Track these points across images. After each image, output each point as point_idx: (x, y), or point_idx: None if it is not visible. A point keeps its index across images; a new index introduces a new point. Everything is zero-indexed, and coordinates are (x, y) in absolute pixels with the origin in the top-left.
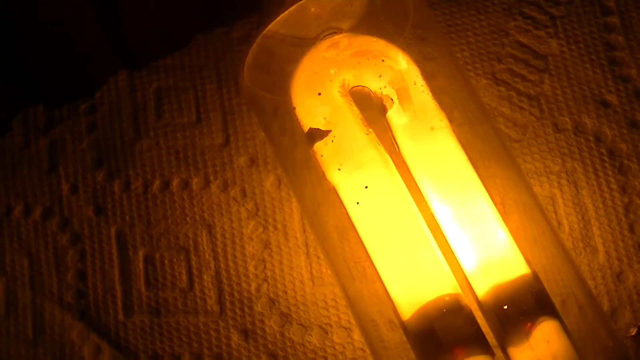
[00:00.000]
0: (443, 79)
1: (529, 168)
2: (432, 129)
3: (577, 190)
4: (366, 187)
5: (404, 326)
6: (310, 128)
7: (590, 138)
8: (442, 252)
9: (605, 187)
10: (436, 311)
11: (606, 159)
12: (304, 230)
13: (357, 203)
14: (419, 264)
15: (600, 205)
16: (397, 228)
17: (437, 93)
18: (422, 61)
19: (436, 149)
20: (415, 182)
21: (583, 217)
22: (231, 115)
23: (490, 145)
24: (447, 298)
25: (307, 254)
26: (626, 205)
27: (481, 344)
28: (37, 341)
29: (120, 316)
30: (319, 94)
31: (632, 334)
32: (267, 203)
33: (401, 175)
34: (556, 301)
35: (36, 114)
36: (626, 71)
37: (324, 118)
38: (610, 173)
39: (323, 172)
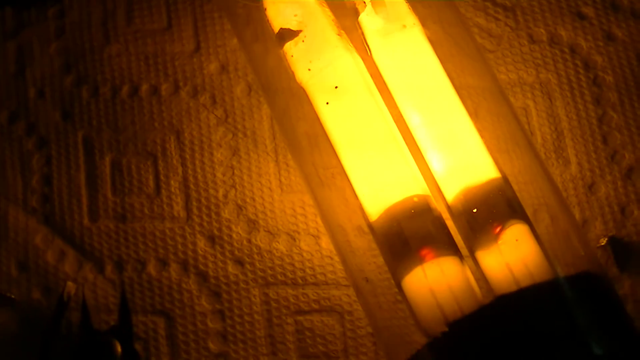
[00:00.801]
0: None
1: (503, 79)
2: (404, 26)
3: (551, 102)
4: (336, 87)
5: (371, 228)
6: (281, 28)
7: (566, 50)
8: (412, 156)
9: (579, 99)
10: (404, 212)
11: (581, 70)
12: (274, 138)
13: (327, 103)
14: (388, 166)
15: (574, 117)
16: (366, 129)
17: (411, 1)
18: None
19: (407, 50)
20: (385, 85)
21: (556, 129)
22: (202, 22)
23: (464, 52)
24: (415, 199)
25: (277, 161)
26: (600, 117)
27: (449, 244)
28: (0, 244)
29: (86, 221)
30: None
31: (602, 244)
32: (237, 110)
33: (372, 79)
34: (528, 212)
35: (4, 17)
36: None
37: (295, 16)
38: (584, 85)
39: (293, 72)
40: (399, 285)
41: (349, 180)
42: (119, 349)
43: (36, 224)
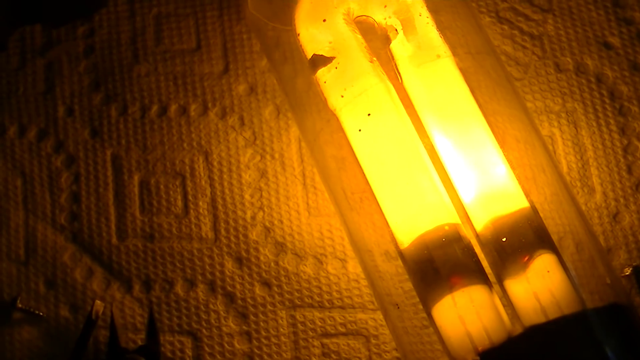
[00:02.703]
0: (446, 13)
1: (530, 107)
2: (438, 56)
3: (577, 130)
4: (369, 114)
5: (402, 255)
6: (314, 54)
7: (592, 79)
8: (442, 184)
9: (604, 128)
10: (435, 240)
11: (607, 100)
12: (302, 161)
13: (359, 130)
14: (419, 194)
15: (599, 146)
16: (398, 157)
17: (441, 28)
18: None
19: (439, 80)
20: (416, 113)
21: (582, 157)
22: (231, 43)
23: (494, 80)
24: (446, 227)
25: (304, 184)
26: (625, 146)
27: (479, 273)
28: (29, 262)
29: (114, 240)
30: (324, 20)
31: (627, 273)
32: (265, 132)
33: (403, 106)
34: (553, 239)
35: (33, 34)
36: (630, 14)
37: (329, 43)
38: (610, 114)
39: (325, 99)
40: (429, 314)
41: (379, 207)
42: None
43: (64, 241)
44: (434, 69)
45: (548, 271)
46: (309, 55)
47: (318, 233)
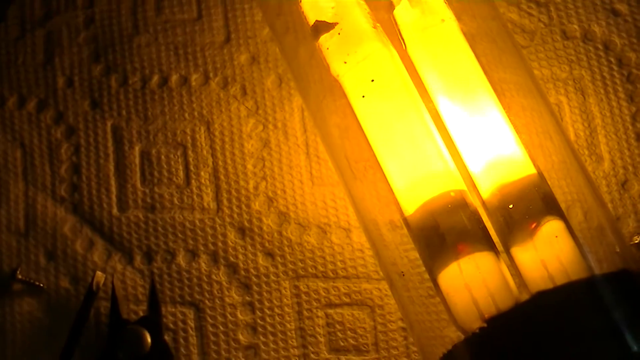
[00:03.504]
0: None
1: (536, 75)
2: (443, 21)
3: (584, 98)
4: (372, 80)
5: (406, 222)
6: (316, 20)
7: (599, 46)
8: (447, 151)
9: (612, 96)
10: (441, 207)
11: (614, 67)
12: (305, 130)
13: (363, 96)
14: (424, 160)
15: (607, 114)
16: (402, 123)
17: None
18: None
19: (443, 44)
20: (420, 80)
21: (589, 125)
22: (233, 13)
23: (500, 47)
24: (452, 194)
25: (307, 153)
26: (633, 114)
27: (485, 240)
28: (29, 233)
29: (115, 211)
30: None
31: (636, 241)
32: (268, 102)
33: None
34: (561, 207)
35: (33, 4)
36: None
37: (332, 8)
38: (618, 82)
39: (328, 65)
40: (434, 281)
41: (383, 175)
42: (148, 340)
43: (65, 213)
44: (438, 33)
45: (556, 236)
46: (312, 22)
47: (322, 203)
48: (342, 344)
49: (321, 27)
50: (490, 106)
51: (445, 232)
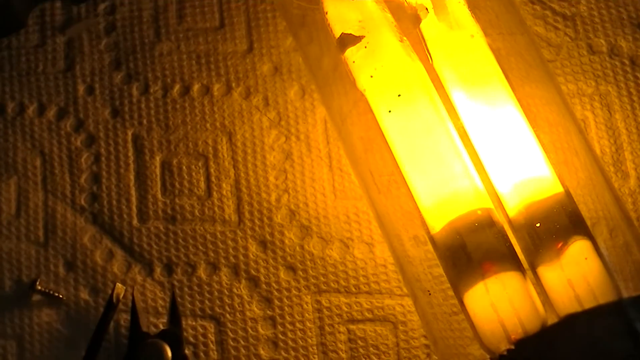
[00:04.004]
0: None
1: (562, 90)
2: (472, 36)
3: (610, 114)
4: (399, 95)
5: (432, 240)
6: (342, 33)
7: (626, 61)
8: (474, 167)
9: (639, 112)
10: (467, 225)
11: None
12: (328, 142)
13: (389, 111)
14: (451, 177)
15: (634, 130)
16: (429, 139)
17: (471, 7)
18: None
19: (471, 61)
20: (447, 94)
21: (615, 142)
22: (255, 22)
23: (527, 61)
24: (479, 212)
25: (330, 166)
26: None
27: (512, 259)
28: (48, 243)
29: (135, 222)
30: None
31: None
32: (290, 113)
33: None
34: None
35: (53, 11)
36: None
37: (359, 22)
38: None
39: (354, 79)
40: (460, 300)
41: (408, 191)
42: (168, 353)
43: (84, 223)
44: (466, 49)
45: (586, 258)
46: (337, 34)
47: (344, 216)
48: None
49: (347, 40)
50: (517, 123)
51: (472, 251)
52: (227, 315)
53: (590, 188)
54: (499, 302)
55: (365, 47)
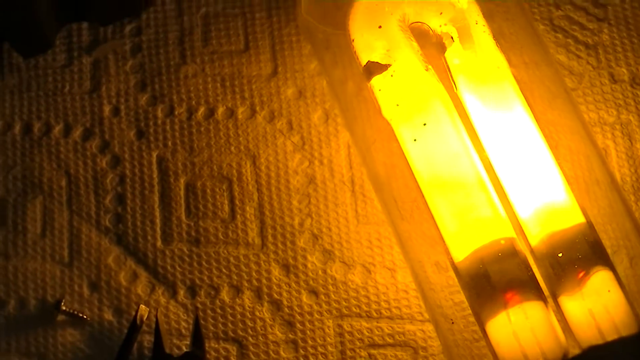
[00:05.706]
0: (501, 20)
1: (584, 118)
2: (498, 67)
3: (631, 143)
4: (425, 124)
5: (456, 269)
6: (368, 61)
7: None
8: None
9: None
10: (491, 255)
11: None
12: (351, 167)
13: (414, 140)
14: (474, 206)
15: None
16: (453, 168)
17: (495, 35)
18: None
19: (496, 91)
20: (471, 123)
21: (636, 171)
22: (280, 46)
23: (549, 89)
24: (502, 242)
25: (353, 191)
26: None
27: (534, 289)
28: (73, 264)
29: (159, 243)
30: (380, 27)
31: None
32: (314, 137)
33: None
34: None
35: (80, 32)
36: None
37: (387, 50)
38: None
39: (379, 107)
40: (483, 329)
41: (432, 218)
42: None
43: (109, 243)
44: (490, 79)
45: (609, 290)
46: (363, 62)
47: (367, 241)
48: None
49: (374, 69)
50: (540, 152)
51: (495, 280)
52: (250, 339)
53: (611, 216)
54: (521, 332)
55: (392, 75)
